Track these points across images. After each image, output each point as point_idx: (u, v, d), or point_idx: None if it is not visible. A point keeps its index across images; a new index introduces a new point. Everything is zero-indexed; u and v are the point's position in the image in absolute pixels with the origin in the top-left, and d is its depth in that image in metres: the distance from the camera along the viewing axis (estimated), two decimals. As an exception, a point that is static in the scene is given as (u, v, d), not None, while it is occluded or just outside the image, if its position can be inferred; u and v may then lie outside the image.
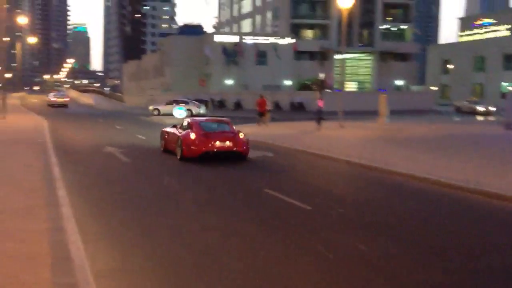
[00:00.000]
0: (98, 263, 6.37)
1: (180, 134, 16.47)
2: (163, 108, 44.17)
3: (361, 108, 45.56)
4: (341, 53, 69.86)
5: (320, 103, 26.78)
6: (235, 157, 15.97)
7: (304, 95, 55.75)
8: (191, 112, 38.59)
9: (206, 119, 19.15)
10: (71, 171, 13.60)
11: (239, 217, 9.15)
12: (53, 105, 57.63)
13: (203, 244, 7.38)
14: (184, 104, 42.33)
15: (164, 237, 7.74)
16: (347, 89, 49.63)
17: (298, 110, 51.21)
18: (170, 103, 44.95)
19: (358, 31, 78.25)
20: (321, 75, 33.77)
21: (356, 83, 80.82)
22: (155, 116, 42.17)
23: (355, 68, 79.88)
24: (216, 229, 8.24)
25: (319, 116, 26.75)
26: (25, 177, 11.69)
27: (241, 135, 16.38)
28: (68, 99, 62.90)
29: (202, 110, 39.57)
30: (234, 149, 15.89)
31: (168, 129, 18.25)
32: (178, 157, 16.13)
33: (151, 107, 45.98)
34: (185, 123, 17.13)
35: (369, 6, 78.80)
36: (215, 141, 15.73)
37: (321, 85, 28.84)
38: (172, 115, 38.45)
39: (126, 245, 7.32)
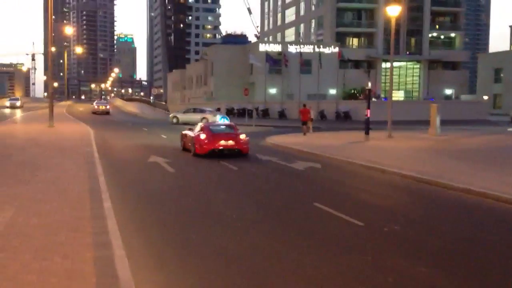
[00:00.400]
0: (143, 282, 5.98)
1: (194, 135, 19.97)
2: (182, 117, 44.60)
3: (409, 117, 44.45)
4: (388, 61, 68.79)
5: (368, 113, 26.00)
6: (237, 154, 19.23)
7: (350, 104, 54.85)
8: (207, 120, 38.72)
9: (214, 124, 23.58)
10: (117, 182, 13.41)
11: (287, 234, 8.63)
12: (96, 112, 61.90)
13: (251, 264, 6.96)
14: (201, 113, 43.24)
15: (211, 256, 7.30)
16: (394, 98, 48.37)
17: (343, 120, 50.39)
18: (188, 111, 46.15)
19: (406, 39, 76.85)
20: (368, 84, 32.93)
21: (403, 92, 79.25)
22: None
23: (402, 77, 78.39)
24: (264, 248, 7.75)
25: (367, 125, 25.98)
26: (71, 188, 11.52)
27: (242, 136, 19.76)
28: (109, 107, 67.15)
29: (218, 118, 39.48)
30: (236, 147, 19.32)
31: (186, 132, 21.66)
32: (192, 154, 19.65)
33: (171, 115, 46.98)
34: (198, 127, 20.62)
35: (416, 14, 77.40)
36: (220, 141, 19.26)
37: (368, 94, 27.99)
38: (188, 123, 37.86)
39: (172, 263, 6.93)
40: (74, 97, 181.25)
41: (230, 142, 19.35)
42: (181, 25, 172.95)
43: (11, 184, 11.84)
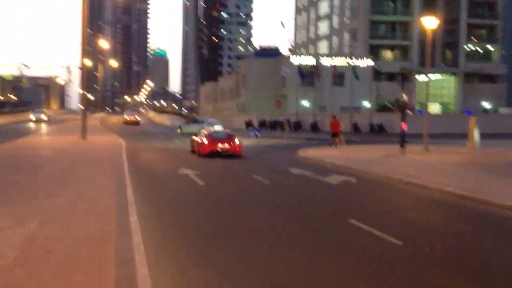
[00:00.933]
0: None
1: (199, 140, 25.09)
2: (184, 127, 48.33)
3: (446, 131, 43.42)
4: (423, 73, 67.59)
5: (404, 126, 25.26)
6: (232, 155, 24.25)
7: (384, 116, 53.97)
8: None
9: (215, 131, 28.67)
10: (145, 194, 13.12)
11: (321, 251, 8.12)
12: (127, 123, 67.85)
13: (284, 281, 6.50)
14: (200, 124, 46.69)
15: (241, 276, 6.82)
16: (430, 111, 47.31)
17: (378, 132, 49.54)
18: (189, 122, 50.94)
19: (441, 51, 75.56)
20: (403, 97, 32.18)
21: (439, 105, 77.76)
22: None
23: (438, 90, 76.94)
24: (298, 264, 7.25)
25: (403, 139, 25.22)
26: (99, 200, 11.25)
27: (236, 141, 24.90)
28: (139, 118, 73.22)
29: (214, 127, 40.38)
30: (230, 149, 24.43)
31: (194, 138, 26.67)
32: (197, 154, 24.68)
33: (176, 124, 52.37)
34: (202, 134, 25.64)
35: (452, 27, 76.15)
36: (218, 144, 24.39)
37: (403, 107, 27.23)
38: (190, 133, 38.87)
39: (197, 284, 6.48)
40: (108, 109, 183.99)
41: (226, 145, 24.50)
42: (214, 38, 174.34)
43: (39, 196, 11.65)
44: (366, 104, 64.60)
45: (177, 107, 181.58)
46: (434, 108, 75.73)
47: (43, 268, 6.41)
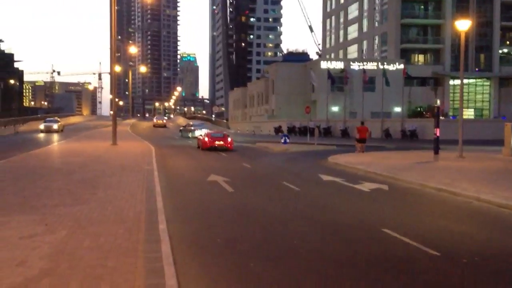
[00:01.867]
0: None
1: (201, 138, 34.99)
2: (183, 131, 57.48)
3: (480, 137, 42.52)
4: (456, 78, 66.47)
5: (437, 131, 24.69)
6: (225, 149, 33.17)
7: (417, 122, 53.13)
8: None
9: (213, 132, 39.34)
10: (175, 202, 13.00)
11: (354, 262, 7.83)
12: (156, 125, 79.44)
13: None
14: (192, 127, 55.85)
15: (274, 288, 6.59)
16: (464, 117, 46.50)
17: (410, 138, 48.76)
18: (185, 127, 59.03)
19: (475, 55, 74.13)
20: (437, 102, 31.54)
21: (473, 110, 76.26)
22: (259, 144, 41.91)
23: (471, 94, 75.50)
24: (331, 277, 6.98)
25: (436, 145, 24.65)
26: (128, 207, 11.16)
27: (229, 139, 34.42)
28: (165, 121, 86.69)
29: (203, 131, 44.96)
30: (224, 145, 33.50)
31: (199, 137, 36.59)
32: (201, 149, 34.04)
33: (181, 128, 60.61)
34: (203, 134, 35.81)
35: (485, 30, 74.66)
36: (215, 141, 33.61)
37: (437, 112, 26.62)
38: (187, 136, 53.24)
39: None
40: (138, 115, 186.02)
41: (221, 142, 33.80)
42: (243, 44, 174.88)
43: (69, 203, 11.62)
44: (398, 109, 63.72)
45: (205, 112, 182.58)
46: (468, 113, 74.30)
47: (71, 278, 6.28)
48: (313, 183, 17.70)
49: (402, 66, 64.70)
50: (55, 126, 55.75)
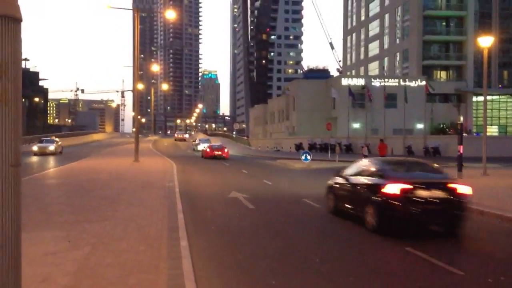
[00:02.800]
0: None
1: (204, 149, 46.96)
2: (194, 145, 68.38)
3: (505, 154, 41.93)
4: (479, 95, 65.76)
5: (460, 149, 24.40)
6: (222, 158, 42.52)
7: (439, 139, 52.61)
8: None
9: (214, 144, 50.49)
10: (196, 218, 13.03)
11: (377, 282, 7.73)
12: (176, 140, 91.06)
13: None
14: (199, 142, 66.67)
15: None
16: (487, 133, 45.95)
17: (432, 156, 48.29)
18: (197, 142, 68.30)
19: (498, 71, 73.38)
20: (460, 118, 31.22)
21: (497, 126, 75.27)
22: (280, 161, 41.89)
23: (495, 111, 74.57)
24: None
25: (460, 162, 24.34)
26: (150, 224, 11.20)
27: (225, 150, 45.87)
28: (185, 136, 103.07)
29: (204, 144, 57.91)
30: (222, 155, 44.14)
31: (202, 149, 48.15)
32: (203, 157, 44.69)
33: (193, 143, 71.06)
34: (206, 146, 48.88)
35: (508, 46, 73.99)
36: (215, 151, 44.65)
37: (460, 129, 26.31)
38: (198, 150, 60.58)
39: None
40: (160, 132, 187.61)
41: (220, 152, 44.53)
42: (264, 61, 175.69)
43: (91, 219, 11.71)
44: (420, 126, 63.22)
45: (226, 129, 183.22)
46: (492, 130, 73.36)
47: (94, 295, 6.31)
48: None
49: (424, 82, 64.29)
50: (51, 148, 45.58)
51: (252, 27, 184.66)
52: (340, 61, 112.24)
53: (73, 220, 11.48)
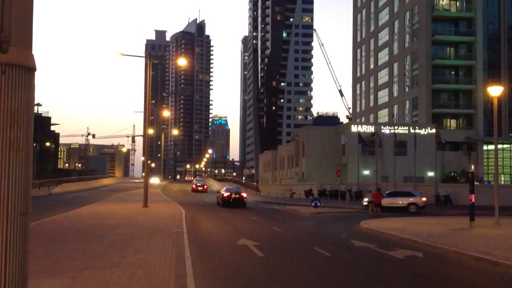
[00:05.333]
0: None
1: (220, 194, 44.12)
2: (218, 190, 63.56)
3: (517, 203, 41.36)
4: (490, 143, 65.53)
5: (472, 197, 24.13)
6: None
7: (450, 187, 52.19)
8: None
9: (230, 187, 47.76)
10: (204, 266, 12.85)
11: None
12: (194, 190, 74.52)
13: None
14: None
15: None
16: (499, 182, 45.58)
17: (444, 204, 47.81)
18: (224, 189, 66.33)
19: (508, 120, 73.30)
20: (471, 167, 31.11)
21: (509, 175, 74.59)
22: (290, 207, 41.64)
23: (506, 160, 74.05)
24: None
25: (472, 211, 24.04)
26: (157, 272, 11.05)
27: (243, 194, 42.82)
28: (206, 186, 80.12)
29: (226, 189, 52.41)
30: (239, 197, 41.37)
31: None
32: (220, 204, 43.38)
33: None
34: (223, 190, 44.94)
35: (518, 94, 74.09)
36: (232, 195, 41.59)
37: (471, 178, 26.11)
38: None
39: None
40: (170, 177, 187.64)
41: (237, 196, 41.47)
42: (273, 108, 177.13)
43: (98, 266, 11.58)
44: (431, 174, 62.82)
45: (235, 175, 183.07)
46: (504, 179, 72.73)
47: None
48: (344, 248, 17.32)
49: (434, 130, 64.28)
50: None
51: (262, 74, 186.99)
52: (349, 108, 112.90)
53: (81, 267, 11.36)
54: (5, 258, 3.27)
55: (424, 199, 39.12)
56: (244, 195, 42.36)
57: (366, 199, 38.71)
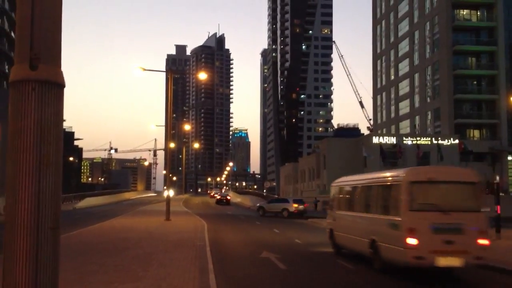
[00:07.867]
0: None
1: (213, 194, 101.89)
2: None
3: (543, 214, 40.52)
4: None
5: (498, 209, 23.76)
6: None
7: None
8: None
9: (222, 193, 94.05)
10: (227, 279, 12.88)
11: None
12: (218, 203, 77.15)
13: None
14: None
15: None
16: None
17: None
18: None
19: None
20: (496, 178, 30.67)
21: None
22: (311, 219, 41.44)
23: (531, 170, 72.99)
24: None
25: (498, 223, 23.65)
26: (181, 285, 11.09)
27: (229, 197, 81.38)
28: (229, 197, 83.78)
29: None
30: (225, 200, 78.04)
31: (214, 194, 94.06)
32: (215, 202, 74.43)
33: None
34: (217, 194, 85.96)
35: (542, 103, 72.99)
36: (222, 199, 78.73)
37: (497, 189, 25.75)
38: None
39: None
40: (191, 190, 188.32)
41: (224, 199, 75.97)
42: (294, 120, 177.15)
43: (122, 279, 11.64)
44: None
45: (256, 187, 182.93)
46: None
47: None
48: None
49: (457, 141, 63.63)
50: None
51: (282, 87, 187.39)
52: (370, 119, 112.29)
53: (106, 280, 11.44)
54: (37, 273, 3.33)
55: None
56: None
57: None
